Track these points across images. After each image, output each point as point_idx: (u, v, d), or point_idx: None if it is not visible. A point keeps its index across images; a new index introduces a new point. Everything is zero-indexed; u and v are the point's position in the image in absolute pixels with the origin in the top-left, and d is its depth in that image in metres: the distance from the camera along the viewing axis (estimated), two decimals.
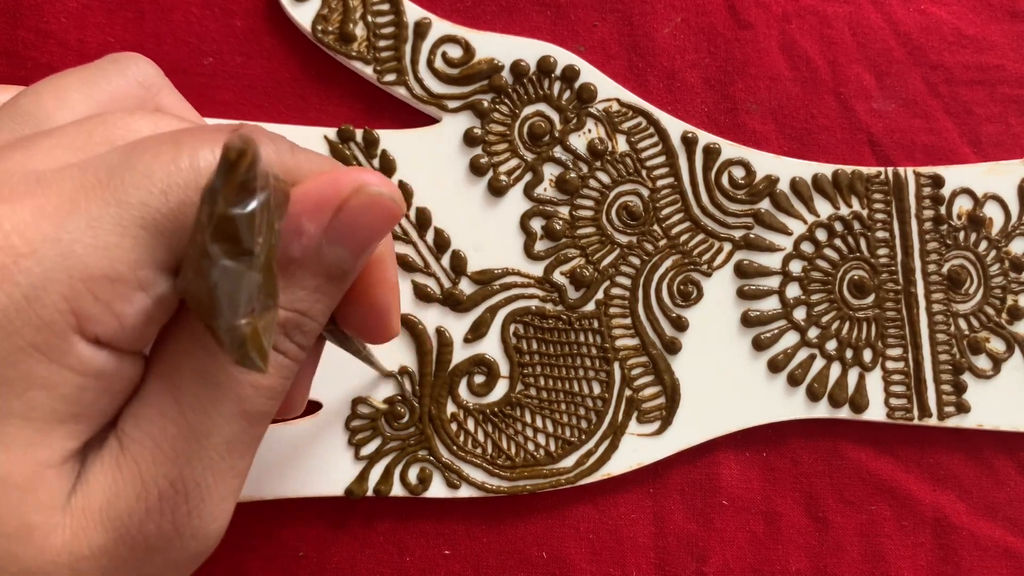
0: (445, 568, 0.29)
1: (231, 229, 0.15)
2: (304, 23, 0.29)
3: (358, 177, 0.18)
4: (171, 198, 0.16)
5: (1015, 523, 0.30)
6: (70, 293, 0.16)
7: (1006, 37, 0.31)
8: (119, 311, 0.16)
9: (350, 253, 0.19)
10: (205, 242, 0.15)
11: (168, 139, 0.17)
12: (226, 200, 0.15)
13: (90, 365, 0.16)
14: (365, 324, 0.21)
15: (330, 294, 0.19)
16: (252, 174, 0.15)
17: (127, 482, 0.17)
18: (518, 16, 0.30)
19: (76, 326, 0.16)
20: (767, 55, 0.31)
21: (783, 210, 0.30)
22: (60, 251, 0.16)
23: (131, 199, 0.16)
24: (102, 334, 0.16)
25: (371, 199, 0.18)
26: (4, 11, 0.29)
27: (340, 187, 0.18)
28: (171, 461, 0.17)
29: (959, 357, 0.30)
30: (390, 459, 0.28)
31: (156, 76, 0.22)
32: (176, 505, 0.18)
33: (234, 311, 0.16)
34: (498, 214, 0.29)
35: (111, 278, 0.16)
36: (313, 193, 0.18)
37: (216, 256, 0.15)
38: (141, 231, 0.16)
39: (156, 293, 0.17)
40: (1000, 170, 0.30)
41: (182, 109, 0.23)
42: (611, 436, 0.29)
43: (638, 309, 0.29)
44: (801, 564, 0.29)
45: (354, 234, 0.18)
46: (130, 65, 0.22)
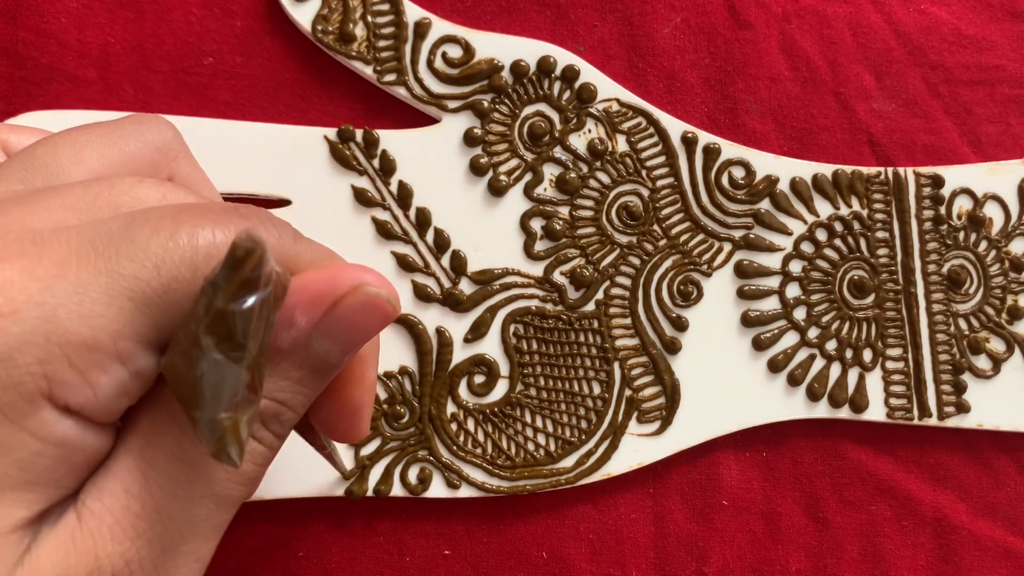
0: (445, 568, 0.29)
1: (226, 324, 0.15)
2: (304, 23, 0.29)
3: (357, 276, 0.18)
4: (163, 273, 0.16)
5: (1015, 523, 0.30)
6: (46, 357, 0.16)
7: (1006, 37, 0.31)
8: (94, 380, 0.16)
9: (338, 349, 0.18)
10: (198, 332, 0.15)
11: (170, 214, 0.17)
12: (226, 296, 0.15)
13: (52, 432, 0.16)
14: (336, 421, 0.21)
15: (312, 387, 0.19)
16: (256, 273, 0.15)
17: (79, 556, 0.17)
18: (518, 16, 0.30)
19: (47, 391, 0.16)
20: (767, 55, 0.31)
21: (783, 210, 0.30)
22: (42, 314, 0.16)
23: (123, 270, 0.16)
24: (73, 402, 0.16)
25: (367, 299, 0.18)
26: (4, 11, 0.29)
27: (338, 283, 0.18)
28: (130, 540, 0.17)
29: (959, 357, 0.30)
30: (390, 459, 0.28)
31: (175, 142, 0.22)
32: None
33: (216, 404, 0.15)
34: (498, 214, 0.29)
35: (90, 346, 0.16)
36: (310, 287, 0.18)
37: (207, 348, 0.15)
38: (128, 303, 0.16)
39: (135, 366, 0.17)
40: (1000, 170, 0.30)
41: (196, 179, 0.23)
42: (611, 436, 0.29)
43: (638, 309, 0.29)
44: (801, 564, 0.29)
45: (345, 332, 0.18)
46: (152, 128, 0.22)
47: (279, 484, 0.28)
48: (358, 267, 0.18)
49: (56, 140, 0.20)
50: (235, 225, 0.17)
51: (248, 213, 0.18)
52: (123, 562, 0.17)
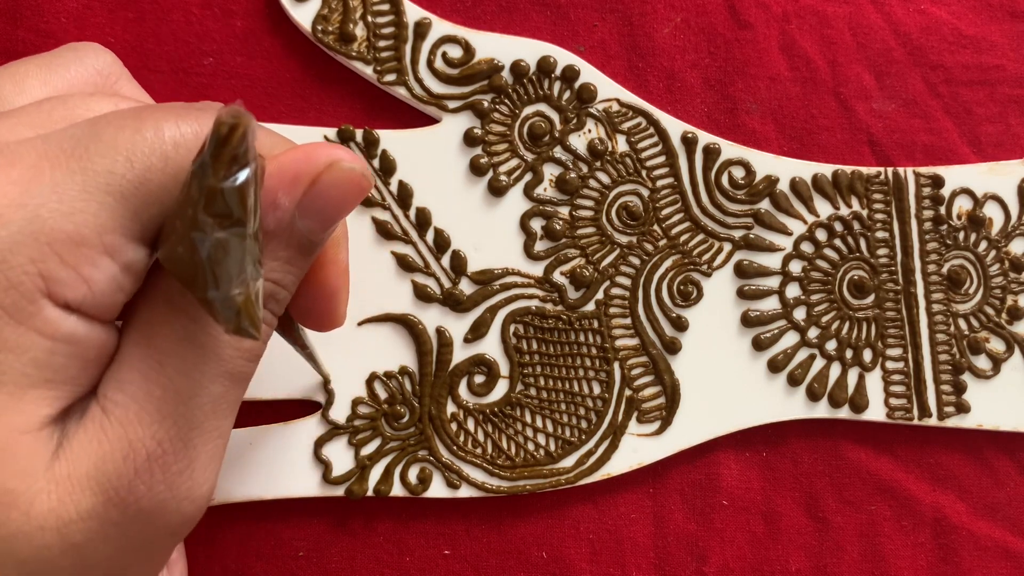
0: (445, 568, 0.29)
1: (223, 201, 0.15)
2: (304, 23, 0.29)
3: (331, 152, 0.19)
4: (136, 165, 0.17)
5: (1015, 523, 0.30)
6: (37, 256, 0.16)
7: (1006, 37, 0.31)
8: (87, 275, 0.16)
9: (320, 225, 0.19)
10: (196, 215, 0.15)
11: (130, 114, 0.17)
12: (217, 173, 0.15)
13: (60, 329, 0.16)
14: (313, 307, 0.21)
15: (299, 265, 0.19)
16: (243, 147, 0.15)
17: (113, 444, 0.17)
18: (518, 16, 0.30)
19: (44, 289, 0.16)
20: (767, 55, 0.31)
21: (783, 210, 0.30)
22: (26, 215, 0.16)
23: (96, 167, 0.16)
24: (71, 298, 0.16)
25: (343, 174, 0.19)
26: (4, 11, 0.29)
27: (314, 162, 0.18)
28: (157, 422, 0.18)
29: (959, 357, 0.30)
30: (390, 459, 0.28)
31: (114, 65, 0.22)
32: (166, 464, 0.18)
33: (227, 282, 0.16)
34: (498, 214, 0.29)
35: (77, 242, 0.16)
36: (288, 167, 0.18)
37: (208, 228, 0.15)
38: (107, 197, 0.16)
39: (123, 259, 0.17)
40: (1000, 170, 0.30)
41: (140, 95, 0.23)
42: (611, 436, 0.29)
43: (638, 309, 0.29)
44: (801, 564, 0.29)
45: (325, 208, 0.19)
46: (88, 54, 0.22)
47: (279, 484, 0.28)
48: (329, 145, 0.19)
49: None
50: (194, 115, 0.18)
51: (204, 106, 0.18)
52: (155, 443, 0.18)
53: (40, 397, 0.17)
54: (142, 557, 0.19)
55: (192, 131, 0.17)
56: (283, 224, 0.18)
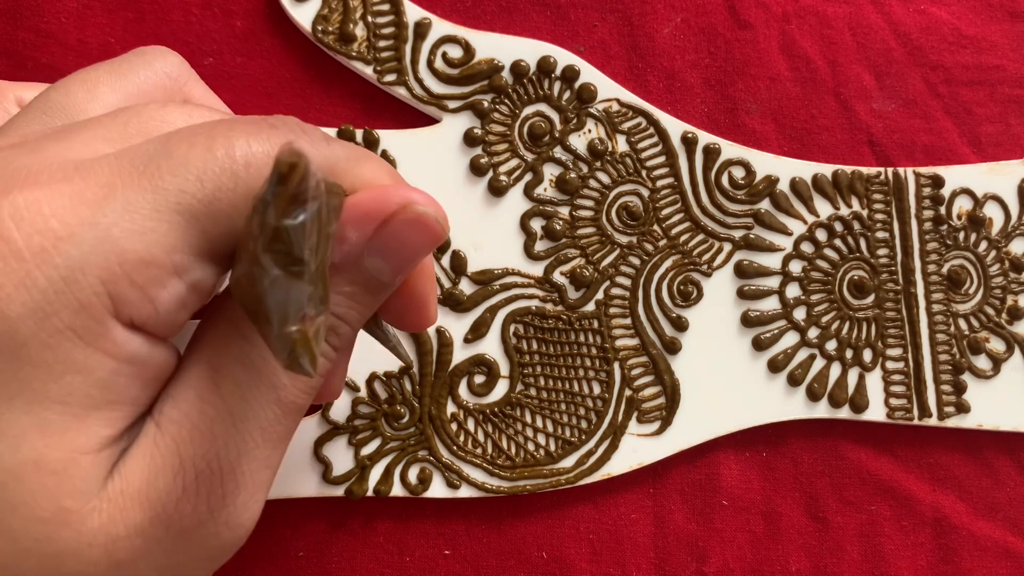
0: (445, 568, 0.29)
1: (283, 240, 0.15)
2: (304, 23, 0.29)
3: (407, 195, 0.18)
4: (206, 184, 0.17)
5: (1015, 523, 0.30)
6: (107, 276, 0.16)
7: (1006, 37, 0.31)
8: (154, 295, 0.17)
9: (390, 267, 0.19)
10: (257, 251, 0.15)
11: (202, 130, 0.17)
12: (277, 212, 0.15)
13: (124, 349, 0.17)
14: (404, 313, 0.21)
15: (365, 303, 0.19)
16: (304, 187, 0.15)
17: (165, 462, 0.17)
18: (518, 16, 0.30)
19: (112, 309, 0.16)
20: (767, 55, 0.31)
21: (783, 210, 0.30)
22: (97, 235, 0.16)
23: (167, 186, 0.16)
24: (136, 318, 0.17)
25: (416, 217, 0.18)
26: (4, 11, 0.29)
27: (388, 202, 0.18)
28: (208, 443, 0.18)
29: (959, 357, 0.30)
30: (390, 459, 0.28)
31: (182, 67, 0.23)
32: (212, 487, 0.18)
33: (284, 319, 0.16)
34: (498, 214, 0.29)
35: (147, 262, 0.16)
36: (361, 204, 0.18)
37: (268, 266, 0.15)
38: (177, 216, 0.16)
39: (191, 278, 0.17)
40: (1000, 170, 0.30)
41: (210, 100, 0.23)
42: (611, 436, 0.29)
43: (638, 309, 0.29)
44: (801, 564, 0.29)
45: (395, 249, 0.19)
46: (157, 58, 0.22)
47: (279, 484, 0.28)
48: (407, 186, 0.19)
49: (68, 82, 0.20)
50: (266, 134, 0.18)
51: (276, 122, 0.18)
52: (205, 463, 0.18)
53: (103, 418, 0.17)
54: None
55: (263, 151, 0.17)
56: (349, 259, 0.18)
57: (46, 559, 0.16)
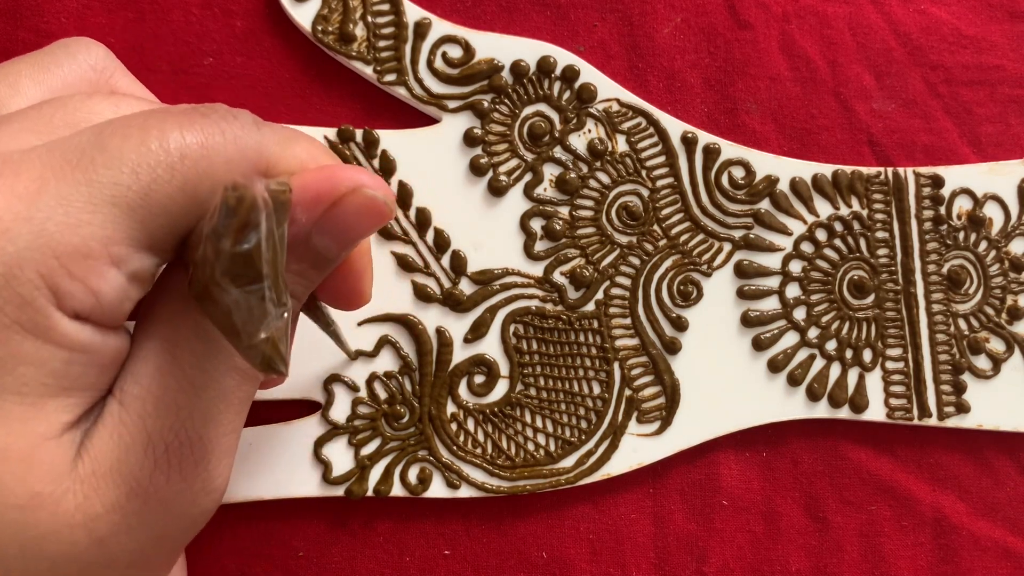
0: (445, 568, 0.29)
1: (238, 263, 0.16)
2: (304, 23, 0.29)
3: (355, 177, 0.19)
4: (142, 177, 0.17)
5: (1015, 523, 0.30)
6: (45, 270, 0.16)
7: (1006, 37, 0.31)
8: (95, 287, 0.17)
9: (336, 245, 0.19)
10: (216, 275, 0.16)
11: (135, 122, 0.18)
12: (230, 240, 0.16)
13: (74, 340, 0.17)
14: (339, 289, 0.22)
15: (311, 278, 0.20)
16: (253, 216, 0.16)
17: (133, 437, 0.18)
18: (518, 16, 0.30)
19: (55, 302, 0.16)
20: (767, 55, 0.31)
21: (783, 210, 0.30)
22: (32, 229, 0.16)
23: (102, 178, 0.17)
24: (80, 309, 0.17)
25: (365, 200, 0.19)
26: (4, 11, 0.29)
27: (337, 184, 0.19)
28: (173, 414, 0.18)
29: (959, 357, 0.30)
30: (390, 459, 0.28)
31: (107, 59, 0.22)
32: (183, 456, 0.18)
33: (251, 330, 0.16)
34: (498, 214, 0.29)
35: (84, 254, 0.16)
36: (310, 187, 0.18)
37: (228, 287, 0.16)
38: (113, 208, 0.17)
39: (130, 269, 0.17)
40: (1000, 170, 0.30)
41: (136, 90, 0.23)
42: (611, 436, 0.29)
43: (638, 309, 0.29)
44: (801, 564, 0.29)
45: (343, 230, 0.19)
46: (80, 49, 0.22)
47: (279, 484, 0.28)
48: (354, 168, 0.19)
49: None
50: (199, 124, 0.18)
51: (206, 110, 0.18)
52: (173, 434, 0.18)
53: (60, 405, 0.17)
54: (161, 549, 0.19)
55: (197, 141, 0.17)
56: (298, 239, 0.19)
57: (27, 542, 0.17)
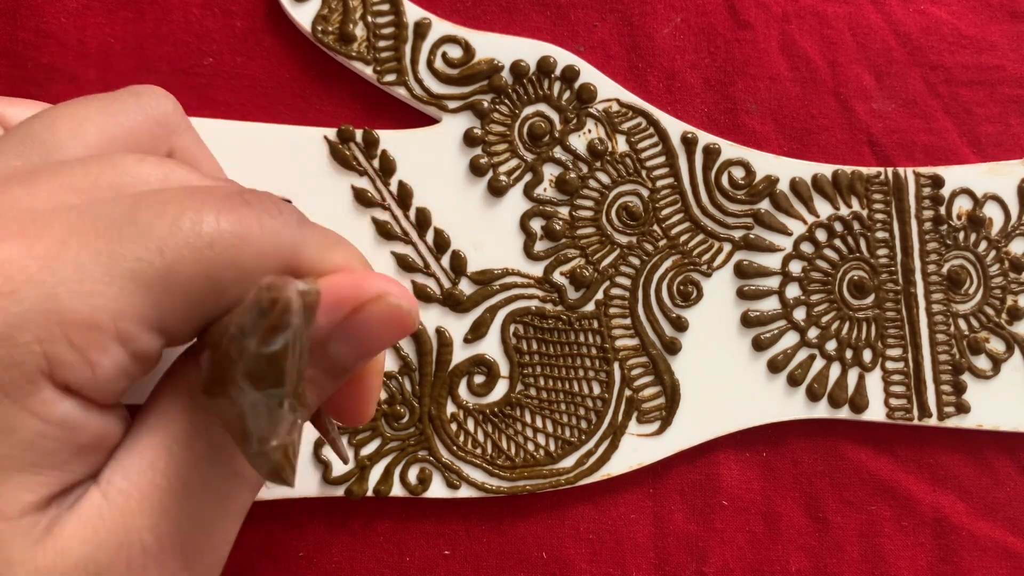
0: (445, 568, 0.29)
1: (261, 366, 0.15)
2: (304, 23, 0.29)
3: (381, 285, 0.18)
4: (166, 256, 0.16)
5: (1015, 523, 0.30)
6: (45, 336, 0.15)
7: (1006, 37, 0.31)
8: (93, 360, 0.16)
9: (353, 354, 0.19)
10: (236, 375, 0.15)
11: (174, 198, 0.17)
12: (258, 341, 0.15)
13: (53, 412, 0.16)
14: (344, 405, 0.21)
15: (324, 387, 0.19)
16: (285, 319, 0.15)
17: (108, 533, 0.16)
18: (518, 16, 0.30)
19: (46, 370, 0.16)
20: (767, 55, 0.31)
21: (783, 210, 0.30)
22: (41, 293, 0.15)
23: (125, 251, 0.16)
24: (73, 381, 0.16)
25: (389, 310, 0.18)
26: (4, 11, 0.29)
27: (361, 291, 0.18)
28: (159, 515, 0.17)
29: (959, 357, 0.30)
30: (390, 459, 0.28)
31: (175, 114, 0.22)
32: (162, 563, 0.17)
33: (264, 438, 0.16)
34: (498, 214, 0.29)
35: (90, 325, 0.16)
36: (334, 290, 0.18)
37: (247, 389, 0.15)
38: (129, 283, 0.16)
39: (134, 347, 0.16)
40: (1000, 170, 0.30)
41: (197, 153, 0.23)
42: (611, 436, 0.29)
43: (638, 309, 0.29)
44: (801, 564, 0.29)
45: (364, 339, 0.18)
46: (151, 100, 0.21)
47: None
48: (382, 276, 0.18)
49: (54, 114, 0.20)
50: (239, 212, 0.17)
51: (251, 198, 0.18)
52: (153, 537, 0.17)
53: (24, 483, 0.16)
54: None
55: (231, 229, 0.17)
56: (315, 344, 0.18)
57: None
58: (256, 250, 0.17)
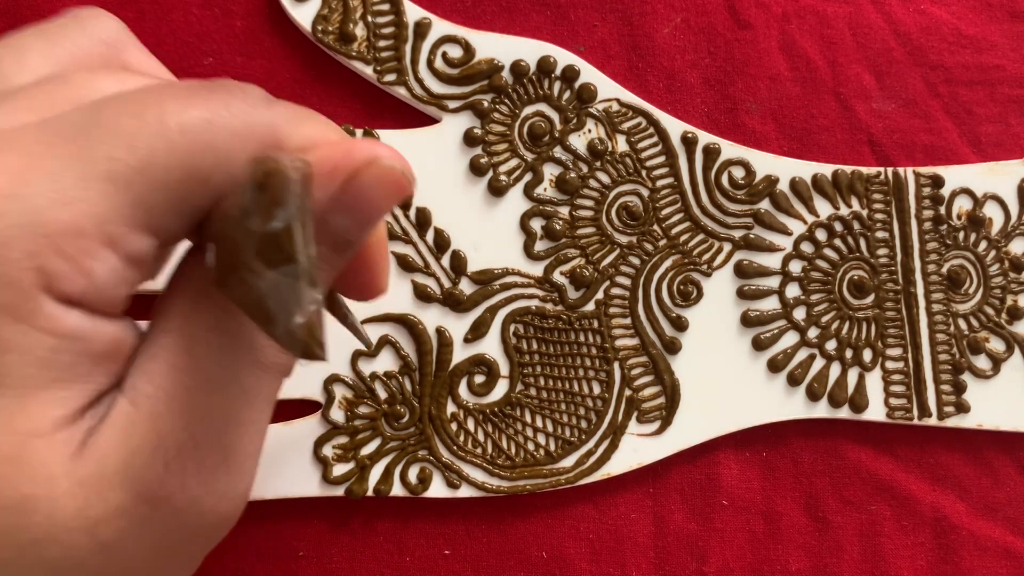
0: (445, 568, 0.29)
1: (271, 243, 0.15)
2: (304, 23, 0.29)
3: (372, 149, 0.18)
4: (139, 150, 0.16)
5: (1015, 523, 0.30)
6: (34, 249, 0.15)
7: (1006, 37, 0.31)
8: (87, 268, 0.16)
9: (356, 224, 0.18)
10: (246, 259, 0.15)
11: (133, 97, 0.17)
12: (261, 219, 0.15)
13: (62, 325, 0.16)
14: (355, 279, 0.21)
15: (333, 264, 0.19)
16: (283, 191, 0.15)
17: (143, 438, 0.16)
18: (518, 16, 0.30)
19: (43, 284, 0.15)
20: (767, 55, 0.31)
21: (783, 210, 0.30)
22: (21, 207, 0.15)
23: (96, 153, 0.16)
24: (71, 292, 0.16)
25: (383, 172, 0.18)
26: (4, 11, 0.29)
27: (353, 158, 0.17)
28: (189, 413, 0.17)
29: (959, 357, 0.30)
30: (390, 459, 0.28)
31: (121, 32, 0.21)
32: (200, 459, 0.17)
33: (288, 315, 0.15)
34: (498, 214, 0.29)
35: (75, 232, 0.15)
36: (325, 160, 0.17)
37: (261, 270, 0.15)
38: (106, 184, 0.16)
39: (126, 250, 0.16)
40: (1000, 170, 0.30)
41: (150, 66, 0.22)
42: (611, 436, 0.29)
43: (638, 309, 0.29)
44: (801, 564, 0.29)
45: (362, 206, 0.18)
46: (92, 21, 0.21)
47: (279, 483, 0.28)
48: (369, 140, 0.18)
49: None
50: (202, 97, 0.17)
51: (213, 84, 0.17)
52: (187, 435, 0.17)
53: (50, 399, 0.16)
54: (177, 560, 0.18)
55: (199, 116, 0.16)
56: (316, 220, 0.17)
57: (24, 546, 0.16)
58: (228, 131, 0.16)
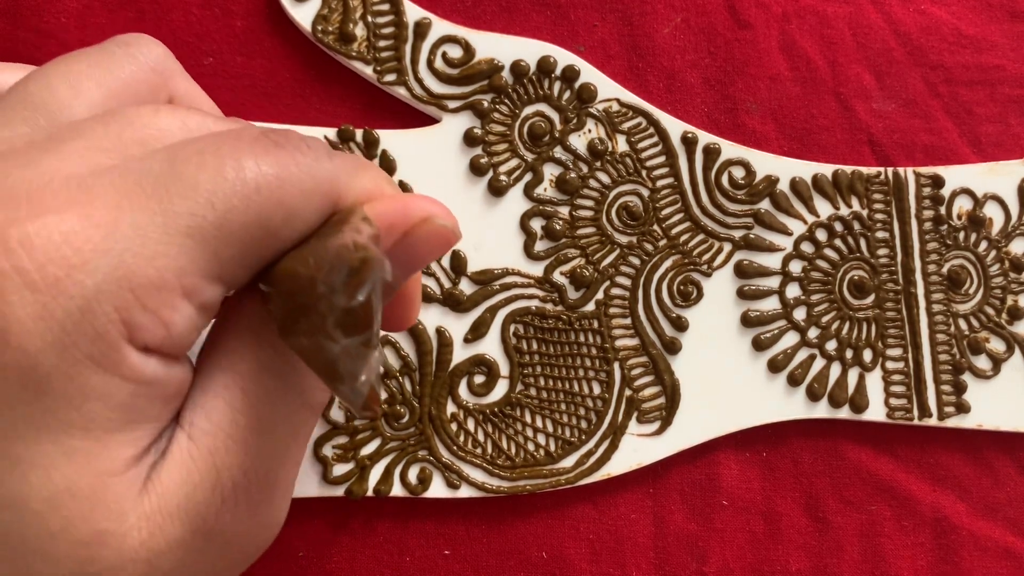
0: (445, 568, 0.29)
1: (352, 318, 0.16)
2: (304, 23, 0.29)
3: (426, 208, 0.19)
4: (218, 207, 0.17)
5: (1015, 523, 0.30)
6: (121, 303, 0.16)
7: (1006, 37, 0.31)
8: (166, 319, 0.17)
9: (402, 273, 0.19)
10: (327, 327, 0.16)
11: (209, 148, 0.17)
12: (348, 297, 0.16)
13: (141, 373, 0.17)
14: (393, 314, 0.22)
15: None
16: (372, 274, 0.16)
17: (202, 474, 0.18)
18: (518, 16, 0.30)
19: (127, 335, 0.16)
20: (767, 55, 0.31)
21: (783, 210, 0.30)
22: (111, 262, 0.16)
23: (178, 208, 0.16)
24: (150, 341, 0.17)
25: (436, 229, 0.19)
26: (4, 11, 0.29)
27: (409, 216, 0.19)
28: (243, 451, 0.18)
29: (959, 357, 0.30)
30: (390, 459, 0.28)
31: (168, 59, 0.22)
32: (251, 495, 0.18)
33: (355, 378, 0.17)
34: (498, 214, 0.29)
35: (158, 286, 0.16)
36: (384, 216, 0.18)
37: (339, 338, 0.16)
38: (187, 239, 0.16)
39: (199, 300, 0.17)
40: (1000, 170, 0.30)
41: (195, 96, 0.23)
42: (611, 436, 0.29)
43: (638, 309, 0.29)
44: (801, 564, 0.29)
45: (412, 259, 0.19)
46: (141, 49, 0.21)
47: None
48: (423, 198, 0.19)
49: (48, 73, 0.20)
50: (273, 154, 0.18)
51: (281, 139, 0.18)
52: (241, 472, 0.18)
53: (125, 439, 0.17)
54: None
55: (273, 172, 0.17)
56: None
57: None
58: (298, 188, 0.18)
